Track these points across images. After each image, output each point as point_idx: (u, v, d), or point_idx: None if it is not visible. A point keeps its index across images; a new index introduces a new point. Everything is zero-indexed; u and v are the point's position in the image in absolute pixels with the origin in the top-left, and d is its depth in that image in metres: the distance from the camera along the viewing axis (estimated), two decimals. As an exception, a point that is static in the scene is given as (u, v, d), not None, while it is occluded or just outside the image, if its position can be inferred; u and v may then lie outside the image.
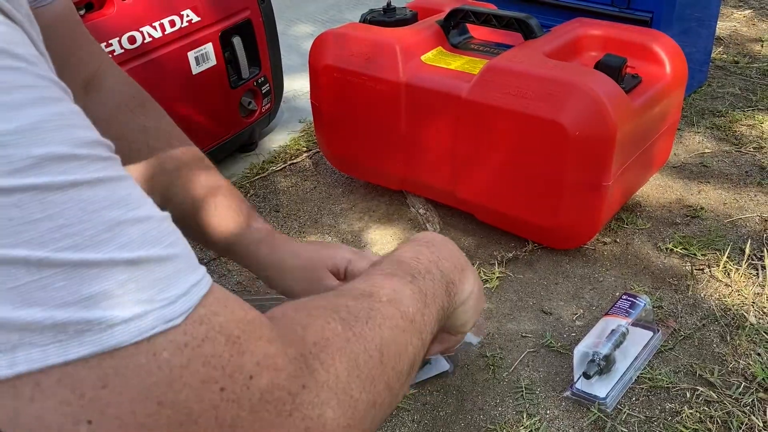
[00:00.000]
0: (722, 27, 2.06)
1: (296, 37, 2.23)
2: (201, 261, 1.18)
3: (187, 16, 1.31)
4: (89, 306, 0.28)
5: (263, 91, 1.52)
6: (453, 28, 1.30)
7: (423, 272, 0.52)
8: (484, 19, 1.25)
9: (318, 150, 1.56)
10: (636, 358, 0.97)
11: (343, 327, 0.40)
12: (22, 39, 0.31)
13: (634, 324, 0.99)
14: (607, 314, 1.02)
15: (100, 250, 0.29)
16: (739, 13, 2.19)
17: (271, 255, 0.79)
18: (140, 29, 1.24)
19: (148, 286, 0.30)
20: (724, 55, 1.91)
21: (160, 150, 0.74)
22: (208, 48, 1.36)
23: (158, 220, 0.34)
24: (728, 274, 1.13)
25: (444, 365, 0.99)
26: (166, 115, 0.78)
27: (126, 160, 0.71)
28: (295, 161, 1.55)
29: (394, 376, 0.42)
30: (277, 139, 1.65)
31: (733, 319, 1.05)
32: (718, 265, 1.15)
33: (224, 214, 0.80)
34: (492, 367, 0.99)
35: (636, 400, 0.93)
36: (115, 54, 1.20)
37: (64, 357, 0.27)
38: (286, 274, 0.80)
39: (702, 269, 1.15)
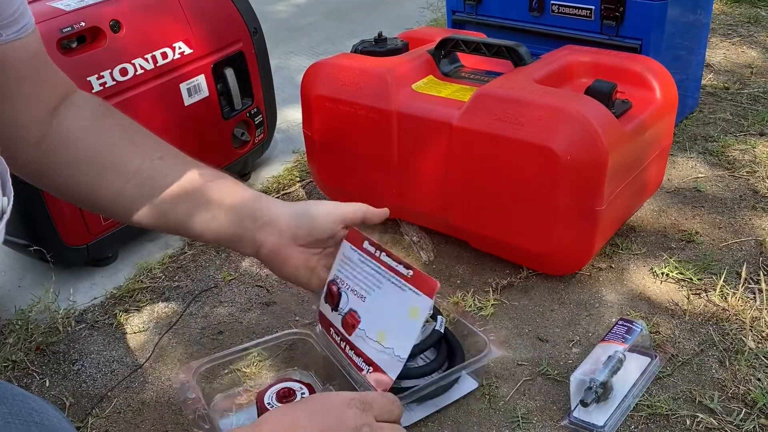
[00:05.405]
0: (712, 54, 2.08)
1: (290, 69, 2.24)
2: (192, 293, 1.17)
3: (179, 48, 1.32)
4: None
5: (256, 122, 1.53)
6: (443, 57, 1.31)
7: None
8: (474, 48, 1.26)
9: (311, 180, 1.56)
10: (634, 384, 0.95)
11: None
12: None
13: (631, 350, 0.98)
14: (603, 340, 1.00)
15: None
16: (728, 41, 2.21)
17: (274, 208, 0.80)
18: (132, 61, 1.24)
19: None
20: (715, 82, 1.93)
21: (142, 142, 0.78)
22: (201, 80, 1.37)
23: None
24: (725, 298, 1.12)
25: (472, 383, 0.99)
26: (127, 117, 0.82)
27: (112, 155, 0.73)
28: (288, 191, 1.55)
29: None
30: (271, 170, 1.65)
31: (731, 343, 1.03)
32: (715, 290, 1.14)
33: (227, 190, 0.80)
34: (488, 397, 0.97)
35: (635, 428, 0.91)
36: (107, 86, 1.21)
37: None
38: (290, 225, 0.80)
39: (698, 294, 1.14)
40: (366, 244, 0.86)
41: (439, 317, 1.02)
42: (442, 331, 0.99)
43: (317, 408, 0.60)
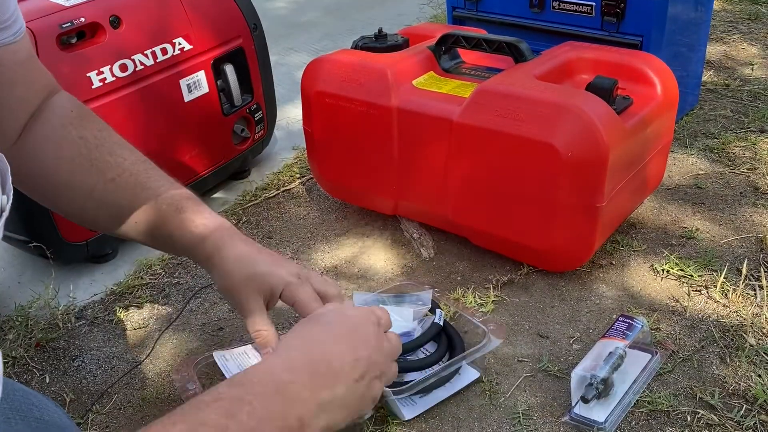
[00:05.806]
0: (712, 51, 2.08)
1: (290, 66, 2.24)
2: (192, 289, 1.16)
3: (179, 44, 1.32)
4: None
5: (256, 119, 1.52)
6: (444, 53, 1.31)
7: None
8: (474, 44, 1.25)
9: (311, 176, 1.56)
10: (635, 381, 0.95)
11: None
12: None
13: (631, 346, 0.98)
14: (603, 337, 1.00)
15: None
16: (729, 37, 2.21)
17: (217, 252, 0.76)
18: (132, 57, 1.24)
19: None
20: (715, 79, 1.93)
21: (99, 159, 0.75)
22: (200, 76, 1.36)
23: None
24: (726, 294, 1.12)
25: (474, 374, 0.99)
26: (107, 127, 0.79)
27: (68, 173, 0.73)
28: (288, 188, 1.55)
29: None
30: (270, 166, 1.65)
31: (732, 340, 1.03)
32: (715, 286, 1.14)
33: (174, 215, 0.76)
34: (488, 393, 0.97)
35: (636, 424, 0.91)
36: (106, 82, 1.20)
37: None
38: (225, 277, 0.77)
39: (699, 290, 1.14)
40: None
41: (437, 310, 1.02)
42: (441, 323, 1.00)
43: (343, 331, 0.59)
